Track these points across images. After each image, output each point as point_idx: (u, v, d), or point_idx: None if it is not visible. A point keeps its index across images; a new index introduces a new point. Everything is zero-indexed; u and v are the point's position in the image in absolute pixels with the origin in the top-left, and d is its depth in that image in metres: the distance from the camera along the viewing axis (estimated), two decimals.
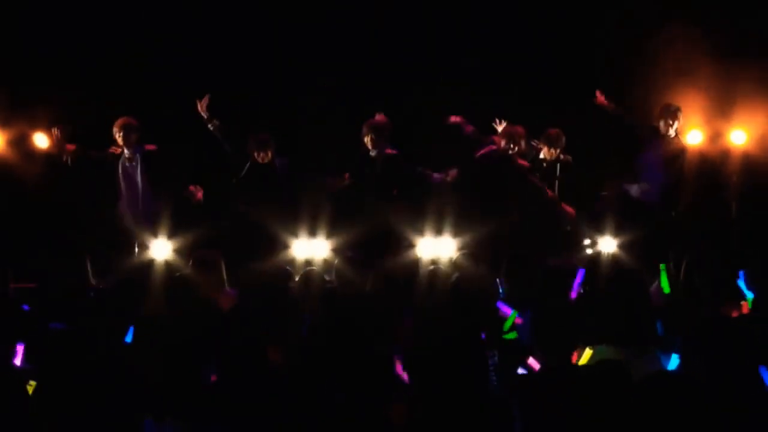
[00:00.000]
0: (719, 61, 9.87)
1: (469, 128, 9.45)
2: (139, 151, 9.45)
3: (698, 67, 9.87)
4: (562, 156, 9.61)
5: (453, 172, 9.52)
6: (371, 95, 10.42)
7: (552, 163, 9.62)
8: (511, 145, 9.34)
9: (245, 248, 8.57)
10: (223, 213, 9.41)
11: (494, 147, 9.28)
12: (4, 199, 9.95)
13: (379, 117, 9.62)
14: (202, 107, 9.42)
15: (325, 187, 9.52)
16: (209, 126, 9.44)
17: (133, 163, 9.46)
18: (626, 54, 10.07)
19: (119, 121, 9.36)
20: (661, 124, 9.54)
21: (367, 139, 9.51)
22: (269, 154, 9.50)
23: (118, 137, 9.35)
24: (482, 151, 9.26)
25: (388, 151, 9.52)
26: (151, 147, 9.49)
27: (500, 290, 6.46)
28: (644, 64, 10.09)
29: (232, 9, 10.81)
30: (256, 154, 9.47)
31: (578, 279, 6.72)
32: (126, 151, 9.43)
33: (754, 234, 9.58)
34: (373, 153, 9.54)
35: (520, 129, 9.52)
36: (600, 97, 9.53)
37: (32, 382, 3.99)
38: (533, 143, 9.73)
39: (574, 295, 6.58)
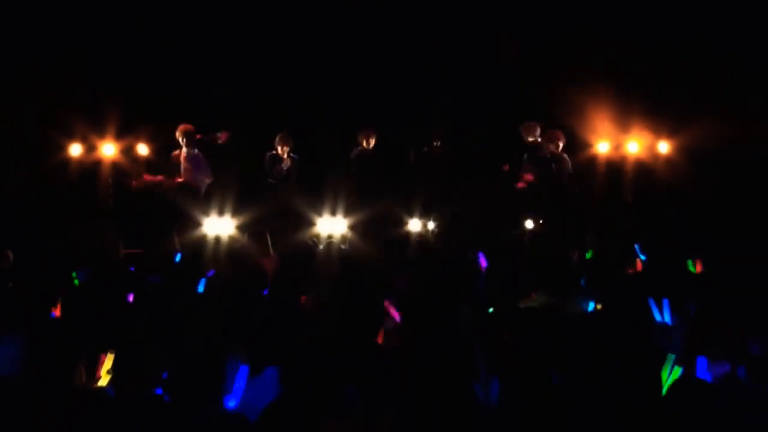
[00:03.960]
0: (619, 91, 9.85)
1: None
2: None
3: (604, 96, 9.83)
4: None
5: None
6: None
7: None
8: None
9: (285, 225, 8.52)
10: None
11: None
12: (119, 192, 9.94)
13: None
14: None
15: None
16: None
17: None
18: (542, 83, 9.82)
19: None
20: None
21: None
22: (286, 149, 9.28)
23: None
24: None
25: None
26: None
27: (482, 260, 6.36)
28: (560, 90, 9.88)
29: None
30: (279, 148, 9.21)
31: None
32: None
33: (645, 216, 9.55)
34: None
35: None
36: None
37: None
38: None
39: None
